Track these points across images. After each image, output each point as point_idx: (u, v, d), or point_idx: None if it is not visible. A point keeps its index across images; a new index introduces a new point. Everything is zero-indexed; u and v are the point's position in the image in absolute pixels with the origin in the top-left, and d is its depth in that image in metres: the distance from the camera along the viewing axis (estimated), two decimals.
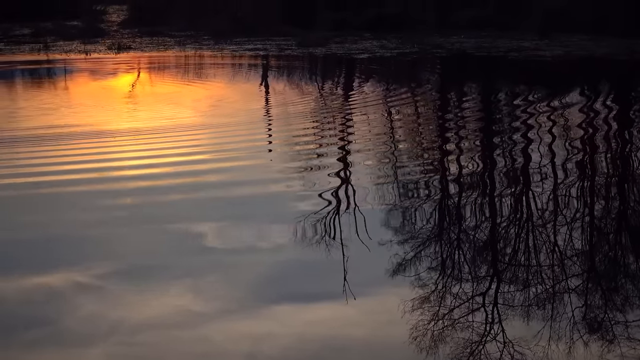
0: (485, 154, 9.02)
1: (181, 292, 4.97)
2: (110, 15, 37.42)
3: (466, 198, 7.04)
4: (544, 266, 5.35)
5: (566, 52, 20.48)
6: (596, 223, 6.34)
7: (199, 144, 9.52)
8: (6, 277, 5.30)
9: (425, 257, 5.57)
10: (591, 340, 4.29)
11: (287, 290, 5.03)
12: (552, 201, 6.89)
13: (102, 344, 4.26)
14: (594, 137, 9.89)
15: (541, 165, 8.21)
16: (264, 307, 4.74)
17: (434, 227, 6.29)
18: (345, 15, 28.80)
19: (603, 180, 7.78)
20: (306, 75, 18.95)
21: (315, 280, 5.25)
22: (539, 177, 7.75)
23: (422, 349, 4.20)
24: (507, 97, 14.18)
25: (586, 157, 8.75)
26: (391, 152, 9.07)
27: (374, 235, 5.96)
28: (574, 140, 9.67)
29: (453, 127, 10.93)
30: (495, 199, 7.03)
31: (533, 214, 6.55)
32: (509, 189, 7.38)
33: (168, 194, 7.23)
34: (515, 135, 9.98)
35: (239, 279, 5.24)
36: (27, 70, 19.60)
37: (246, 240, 6.01)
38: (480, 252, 5.74)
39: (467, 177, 7.84)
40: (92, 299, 4.88)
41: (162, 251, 5.78)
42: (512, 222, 6.39)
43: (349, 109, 12.56)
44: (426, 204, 6.92)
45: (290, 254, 5.69)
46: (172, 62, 20.86)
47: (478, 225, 6.26)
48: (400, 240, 5.91)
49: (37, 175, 8.00)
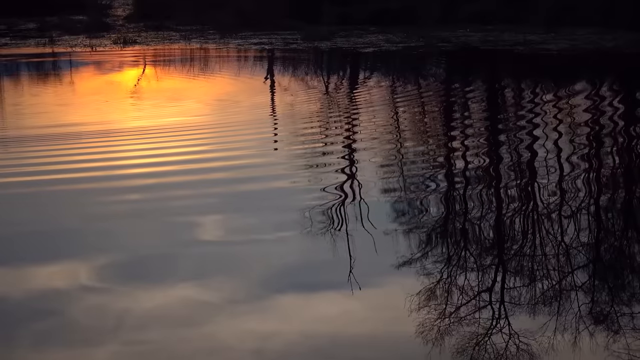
0: (491, 149, 9.01)
1: (187, 286, 4.99)
2: (116, 10, 37.40)
3: (472, 190, 7.04)
4: (550, 257, 5.35)
5: (572, 45, 20.41)
6: (602, 215, 6.34)
7: (204, 141, 9.50)
8: (12, 270, 5.33)
9: (431, 249, 5.58)
10: (597, 331, 4.29)
11: (293, 283, 5.04)
12: (558, 195, 6.89)
13: (108, 341, 4.27)
14: (602, 135, 9.87)
15: (547, 159, 8.21)
16: (270, 300, 4.76)
17: (440, 218, 6.29)
18: (350, 9, 28.75)
19: (609, 172, 7.76)
20: (312, 69, 18.93)
21: (321, 272, 5.26)
22: (545, 172, 7.74)
23: (428, 340, 4.21)
24: (513, 91, 14.14)
25: (592, 151, 8.73)
26: (397, 149, 9.06)
27: (379, 227, 5.96)
28: (581, 136, 9.66)
29: (459, 124, 10.92)
30: (501, 191, 7.03)
31: (539, 206, 6.54)
32: (515, 183, 7.38)
33: (174, 190, 7.24)
34: (521, 132, 9.96)
35: (245, 272, 5.25)
36: (33, 65, 19.63)
37: (252, 234, 6.02)
38: (487, 243, 5.74)
39: (473, 171, 7.83)
40: (97, 294, 4.90)
41: (168, 245, 5.80)
42: (518, 213, 6.38)
43: (355, 104, 12.55)
44: (433, 195, 6.93)
45: (296, 247, 5.70)
46: (178, 57, 20.86)
47: (484, 216, 6.26)
48: (406, 231, 5.92)
49: (43, 173, 8.02)
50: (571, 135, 9.54)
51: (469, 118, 11.06)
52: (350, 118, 11.09)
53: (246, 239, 5.89)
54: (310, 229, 6.01)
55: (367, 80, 16.01)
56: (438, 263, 5.29)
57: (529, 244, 5.66)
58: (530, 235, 5.84)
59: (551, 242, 5.69)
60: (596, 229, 6.01)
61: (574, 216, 6.22)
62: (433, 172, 7.86)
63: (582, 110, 11.20)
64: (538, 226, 6.05)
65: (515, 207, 6.57)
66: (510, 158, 8.43)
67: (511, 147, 8.91)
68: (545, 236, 5.82)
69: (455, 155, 8.55)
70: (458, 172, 7.81)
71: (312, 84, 15.60)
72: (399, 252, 5.49)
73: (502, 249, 5.61)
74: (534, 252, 5.48)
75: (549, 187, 7.12)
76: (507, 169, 7.90)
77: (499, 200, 6.78)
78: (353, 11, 28.81)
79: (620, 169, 7.96)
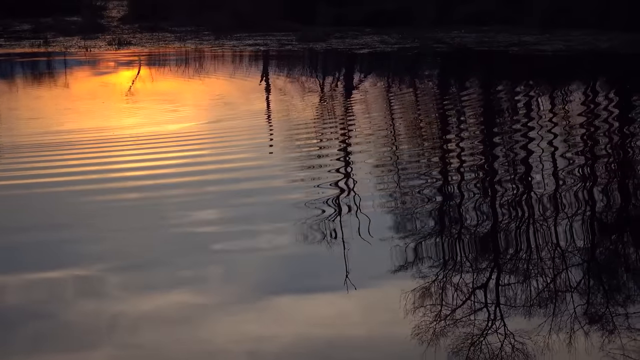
0: (486, 150, 9.02)
1: (182, 289, 4.98)
2: (110, 11, 37.34)
3: (467, 194, 7.04)
4: (544, 259, 5.36)
5: (567, 46, 20.44)
6: (597, 216, 6.34)
7: (200, 145, 9.44)
8: (8, 273, 5.31)
9: (427, 251, 5.57)
10: (592, 331, 4.29)
11: (289, 285, 5.03)
12: (552, 199, 6.90)
13: (103, 343, 4.26)
14: (597, 136, 9.89)
15: (542, 162, 8.22)
16: (266, 302, 4.75)
17: (436, 221, 6.29)
18: (345, 10, 28.76)
19: (604, 174, 7.77)
20: (307, 70, 18.93)
21: (317, 274, 5.25)
22: (539, 175, 7.75)
23: (424, 342, 4.21)
24: (508, 92, 14.16)
25: (587, 153, 8.75)
26: (392, 151, 9.07)
27: (376, 230, 5.96)
28: (576, 138, 9.67)
29: (454, 127, 10.93)
30: (497, 196, 7.04)
31: (534, 209, 6.55)
32: (510, 188, 7.39)
33: (170, 194, 7.22)
34: (515, 135, 9.97)
35: (241, 275, 5.25)
36: (28, 67, 19.58)
37: (247, 237, 6.01)
38: (482, 245, 5.75)
39: (468, 174, 7.84)
40: (93, 297, 4.89)
41: (163, 248, 5.79)
42: (513, 217, 6.39)
43: (350, 105, 12.55)
44: (429, 198, 6.93)
45: (292, 249, 5.69)
46: (173, 58, 20.84)
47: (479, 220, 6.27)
48: (402, 233, 5.91)
49: (38, 177, 8.00)
50: (566, 137, 9.55)
51: (464, 122, 11.07)
52: (345, 120, 11.08)
53: (241, 241, 5.88)
54: (307, 232, 6.00)
55: (362, 81, 16.01)
56: (433, 265, 5.28)
57: (524, 247, 5.66)
58: (525, 239, 5.84)
59: (547, 245, 5.69)
60: (591, 231, 6.01)
61: (569, 219, 6.22)
62: (428, 174, 7.86)
63: (576, 113, 11.21)
64: (534, 229, 6.05)
65: (511, 210, 6.57)
66: (506, 161, 8.43)
67: (506, 150, 8.92)
68: (540, 239, 5.82)
69: (452, 158, 8.55)
70: (454, 176, 7.81)
71: (307, 85, 15.60)
72: (395, 254, 5.49)
73: (497, 251, 5.61)
74: (529, 255, 5.48)
75: (543, 191, 7.13)
76: (503, 172, 7.91)
77: (493, 202, 6.79)
78: (348, 12, 28.81)
79: (616, 171, 7.97)
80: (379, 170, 7.92)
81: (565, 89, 13.70)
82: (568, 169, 7.83)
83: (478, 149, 8.98)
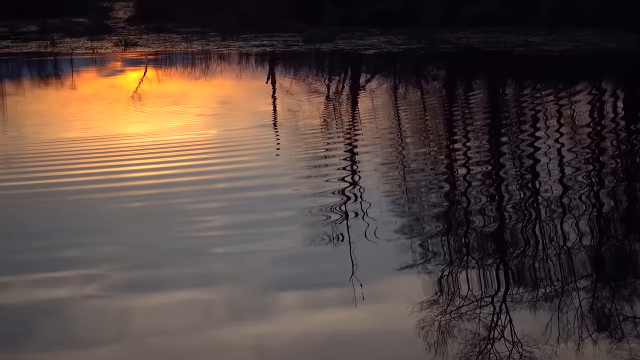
0: (494, 152, 9.01)
1: (188, 289, 4.99)
2: (117, 12, 37.41)
3: (474, 195, 7.04)
4: (553, 262, 5.35)
5: (574, 47, 20.41)
6: (607, 220, 6.33)
7: (207, 150, 9.43)
8: (14, 279, 5.32)
9: (433, 252, 5.57)
10: (600, 338, 4.29)
11: (295, 285, 5.04)
12: (560, 201, 6.89)
13: (109, 346, 4.27)
14: (604, 137, 9.87)
15: (549, 163, 8.21)
16: (272, 302, 4.76)
17: (443, 223, 6.29)
18: (351, 11, 28.76)
19: (611, 176, 7.75)
20: (313, 71, 18.94)
21: (323, 275, 5.25)
22: (547, 176, 7.74)
23: (428, 343, 4.21)
24: (515, 93, 14.15)
25: (594, 155, 8.73)
26: (399, 152, 9.07)
27: (382, 231, 5.96)
28: (583, 138, 9.66)
29: (460, 129, 10.92)
30: (504, 195, 7.04)
31: (542, 211, 6.55)
32: (519, 191, 7.38)
33: (176, 197, 7.23)
34: (523, 135, 9.97)
35: (247, 275, 5.25)
36: (35, 68, 19.63)
37: (253, 237, 6.01)
38: (489, 247, 5.74)
39: (475, 176, 7.83)
40: (98, 299, 4.90)
41: (169, 251, 5.80)
42: (521, 219, 6.38)
43: (357, 106, 12.55)
44: (436, 199, 6.93)
45: (297, 250, 5.70)
46: (179, 59, 20.87)
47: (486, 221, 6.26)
48: (408, 234, 5.91)
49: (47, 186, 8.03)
50: (574, 137, 9.54)
51: (470, 124, 11.06)
52: (352, 121, 11.09)
53: (248, 241, 5.89)
54: (312, 233, 6.01)
55: (368, 82, 16.01)
56: (439, 266, 5.28)
57: (531, 249, 5.65)
58: (533, 241, 5.84)
59: (555, 248, 5.68)
60: (599, 234, 6.00)
61: (576, 222, 6.21)
62: (435, 175, 7.86)
63: (584, 113, 11.19)
64: (541, 231, 6.04)
65: (518, 212, 6.56)
66: (513, 162, 8.42)
67: (514, 150, 8.91)
68: (548, 242, 5.81)
69: (459, 159, 8.54)
70: (461, 176, 7.81)
71: (314, 86, 15.60)
72: (401, 255, 5.49)
73: (504, 253, 5.61)
74: (536, 257, 5.47)
75: (551, 192, 7.12)
76: (511, 174, 7.90)
77: (500, 204, 6.78)
78: (354, 13, 28.82)
79: (623, 172, 7.95)
80: (386, 171, 7.91)
81: (572, 90, 13.68)
82: (577, 173, 7.81)
83: (485, 149, 8.96)
